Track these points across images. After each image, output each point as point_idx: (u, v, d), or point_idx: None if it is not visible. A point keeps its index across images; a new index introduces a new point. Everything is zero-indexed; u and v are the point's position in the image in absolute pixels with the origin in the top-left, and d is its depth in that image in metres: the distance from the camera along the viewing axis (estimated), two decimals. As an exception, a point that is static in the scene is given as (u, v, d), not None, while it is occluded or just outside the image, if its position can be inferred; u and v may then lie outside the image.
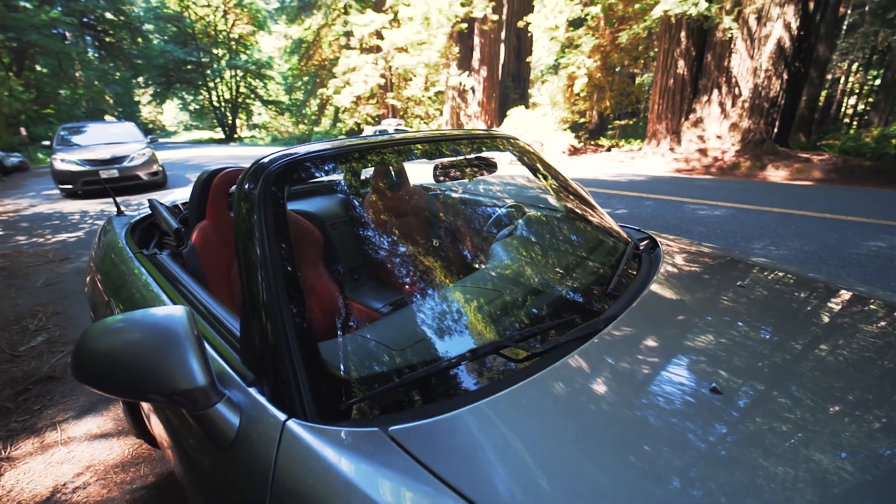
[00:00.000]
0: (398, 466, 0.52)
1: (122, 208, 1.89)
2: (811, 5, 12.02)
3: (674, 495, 0.48)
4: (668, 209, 5.83)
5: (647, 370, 0.69)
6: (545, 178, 1.41)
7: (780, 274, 1.13)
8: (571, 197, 1.37)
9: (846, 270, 3.38)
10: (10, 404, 1.93)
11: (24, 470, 1.56)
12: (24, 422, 1.82)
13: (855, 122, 22.85)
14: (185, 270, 1.19)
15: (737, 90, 12.33)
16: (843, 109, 24.63)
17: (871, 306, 0.95)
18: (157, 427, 1.04)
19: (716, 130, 12.80)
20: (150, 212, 1.74)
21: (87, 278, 1.61)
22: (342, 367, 0.71)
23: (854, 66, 23.07)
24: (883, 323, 0.89)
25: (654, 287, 0.94)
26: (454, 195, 1.80)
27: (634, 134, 22.49)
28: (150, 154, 8.50)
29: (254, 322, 0.70)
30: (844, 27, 19.95)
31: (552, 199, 1.38)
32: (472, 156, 1.25)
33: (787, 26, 10.96)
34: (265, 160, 0.87)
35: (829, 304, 0.98)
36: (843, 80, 23.73)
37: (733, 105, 12.48)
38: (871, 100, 21.79)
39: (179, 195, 6.79)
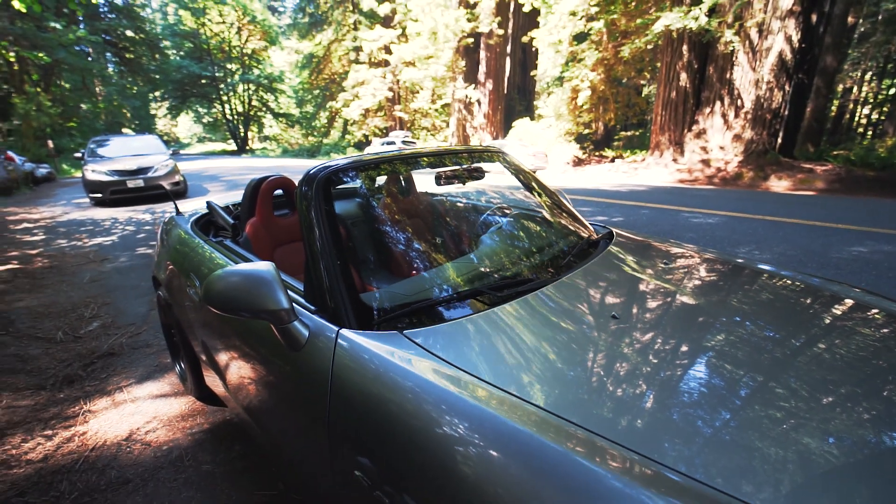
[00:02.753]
0: (408, 351, 0.86)
1: (180, 210, 2.26)
2: (814, 17, 12.27)
3: (565, 362, 0.82)
4: (664, 217, 6.11)
5: (573, 307, 1.04)
6: (526, 183, 1.75)
7: (706, 256, 1.46)
8: (546, 198, 1.71)
9: (822, 272, 3.63)
10: (82, 373, 2.30)
11: (104, 419, 1.91)
12: (95, 386, 2.18)
13: (869, 132, 22.74)
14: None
15: (739, 102, 12.45)
16: (856, 119, 24.51)
17: (787, 281, 1.29)
18: (228, 371, 1.38)
19: (719, 141, 12.95)
20: (206, 211, 2.12)
21: (161, 263, 1.98)
22: (373, 300, 1.05)
23: (867, 76, 23.01)
24: (779, 284, 1.22)
25: (593, 262, 1.28)
26: (453, 199, 2.15)
27: (641, 145, 22.73)
28: (172, 165, 9.01)
29: (315, 273, 1.05)
30: (856, 36, 19.90)
31: (531, 201, 1.72)
32: (467, 166, 1.60)
33: (789, 39, 11.11)
34: (314, 171, 1.23)
35: (721, 271, 1.31)
36: (855, 89, 23.67)
37: (736, 116, 12.61)
38: (885, 109, 21.71)
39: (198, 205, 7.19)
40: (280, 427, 1.18)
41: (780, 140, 12.49)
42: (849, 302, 1.15)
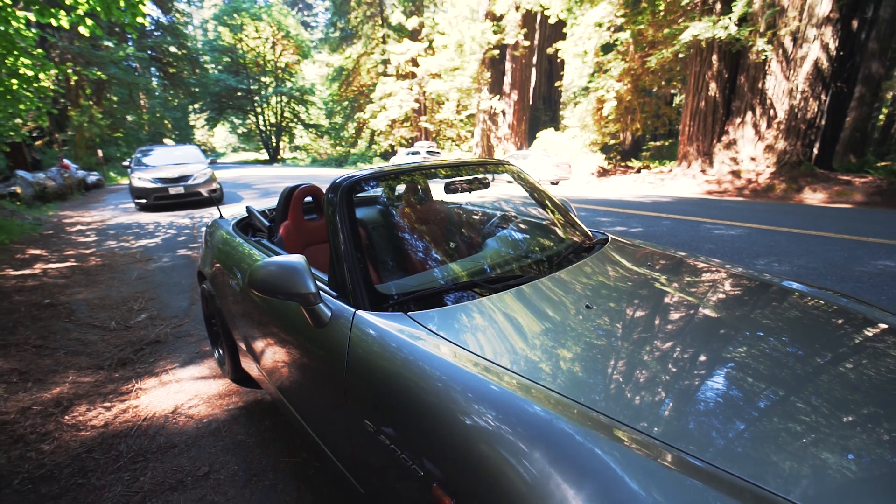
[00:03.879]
0: (410, 327, 1.04)
1: (222, 213, 2.53)
2: (854, 24, 11.87)
3: (538, 339, 0.98)
4: (684, 228, 6.10)
5: (552, 298, 1.20)
6: (531, 193, 1.92)
7: (693, 262, 1.58)
8: (550, 206, 1.87)
9: (842, 285, 3.58)
10: (133, 357, 2.59)
11: (152, 395, 2.17)
12: (144, 368, 2.46)
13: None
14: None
15: (772, 112, 12.10)
16: None
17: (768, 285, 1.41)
18: (262, 352, 1.60)
19: (749, 152, 12.62)
20: (245, 215, 2.39)
21: (207, 260, 2.24)
22: (385, 289, 1.24)
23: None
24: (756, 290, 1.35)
25: (583, 263, 1.44)
26: (463, 207, 2.34)
27: (670, 155, 22.35)
28: (210, 174, 9.58)
29: (338, 265, 1.25)
30: None
31: (534, 209, 1.89)
32: (477, 176, 1.79)
33: (825, 47, 10.71)
34: (339, 180, 1.44)
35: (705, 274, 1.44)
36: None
37: (768, 127, 12.25)
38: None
39: (236, 210, 7.61)
40: (305, 396, 1.38)
41: (816, 151, 12.08)
42: (822, 302, 1.27)
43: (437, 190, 2.22)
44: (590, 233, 1.83)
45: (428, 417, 0.84)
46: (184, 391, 2.20)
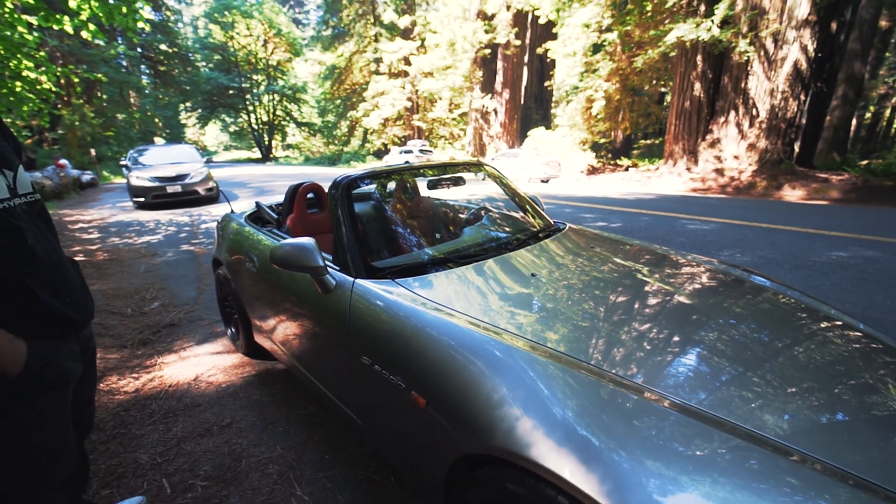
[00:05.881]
0: (395, 289, 1.36)
1: (232, 208, 2.84)
2: (833, 26, 12.28)
3: (490, 295, 1.31)
4: (661, 223, 6.46)
5: (507, 269, 1.53)
6: (502, 188, 2.25)
7: (630, 245, 1.92)
8: (518, 199, 2.20)
9: (793, 273, 3.95)
10: (153, 337, 2.88)
11: (174, 368, 2.47)
12: (164, 346, 2.76)
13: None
14: None
15: (754, 111, 12.39)
16: (894, 126, 23.71)
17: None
18: (274, 324, 1.91)
19: (733, 151, 12.96)
20: (254, 209, 2.70)
21: (222, 248, 2.54)
22: (378, 263, 1.56)
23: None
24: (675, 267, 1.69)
25: (538, 244, 1.77)
26: (446, 201, 2.66)
27: (660, 153, 22.74)
28: (206, 172, 9.81)
29: (339, 245, 1.57)
30: (894, 41, 19.21)
31: (505, 202, 2.22)
32: (454, 175, 2.11)
33: (804, 48, 11.06)
34: (339, 178, 1.75)
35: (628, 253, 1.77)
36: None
37: (751, 126, 12.56)
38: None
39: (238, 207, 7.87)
40: (313, 353, 1.69)
41: (797, 149, 12.47)
42: (734, 275, 1.61)
43: (422, 187, 2.54)
44: (552, 222, 2.17)
45: (408, 348, 1.17)
46: (202, 364, 2.50)
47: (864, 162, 13.41)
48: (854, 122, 18.89)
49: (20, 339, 0.94)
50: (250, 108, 42.78)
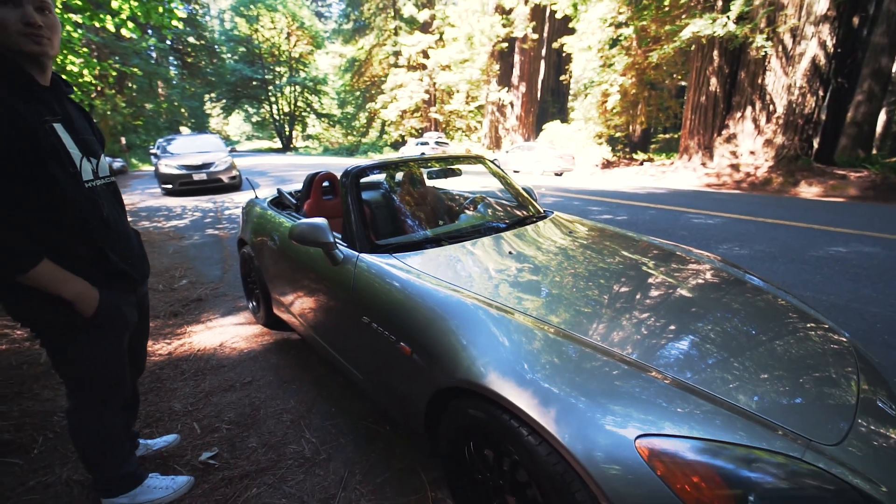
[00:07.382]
0: (394, 262, 1.61)
1: (257, 194, 3.14)
2: (855, 21, 11.96)
3: (473, 269, 1.55)
4: (666, 217, 6.55)
5: (489, 248, 1.76)
6: (499, 179, 2.47)
7: (622, 234, 2.13)
8: (511, 189, 2.43)
9: (786, 266, 4.03)
10: (182, 310, 3.22)
11: (202, 336, 2.79)
12: (192, 317, 3.08)
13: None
14: None
15: (771, 107, 12.20)
16: None
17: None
18: (292, 296, 2.18)
19: (749, 146, 12.79)
20: (275, 195, 2.99)
21: (247, 229, 2.83)
22: (380, 241, 1.80)
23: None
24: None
25: (523, 228, 2.00)
26: (447, 190, 2.90)
27: (678, 148, 22.42)
28: (230, 161, 10.24)
29: (348, 225, 1.83)
30: None
31: (500, 191, 2.44)
32: (451, 167, 2.35)
33: (823, 44, 10.86)
34: (349, 168, 1.99)
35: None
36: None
37: (768, 121, 12.36)
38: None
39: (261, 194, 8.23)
40: (323, 319, 1.96)
41: (815, 146, 12.24)
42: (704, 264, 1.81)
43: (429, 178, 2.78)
44: (541, 210, 2.38)
45: (399, 308, 1.42)
46: (226, 333, 2.81)
47: (893, 159, 13.00)
48: (884, 118, 18.28)
49: (94, 287, 1.23)
50: (272, 99, 43.59)
